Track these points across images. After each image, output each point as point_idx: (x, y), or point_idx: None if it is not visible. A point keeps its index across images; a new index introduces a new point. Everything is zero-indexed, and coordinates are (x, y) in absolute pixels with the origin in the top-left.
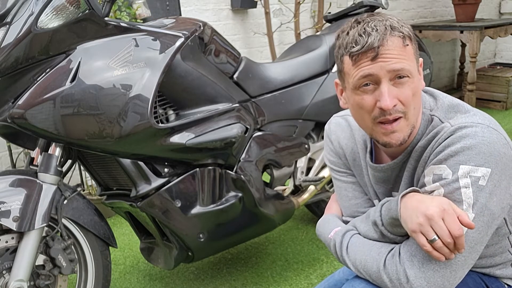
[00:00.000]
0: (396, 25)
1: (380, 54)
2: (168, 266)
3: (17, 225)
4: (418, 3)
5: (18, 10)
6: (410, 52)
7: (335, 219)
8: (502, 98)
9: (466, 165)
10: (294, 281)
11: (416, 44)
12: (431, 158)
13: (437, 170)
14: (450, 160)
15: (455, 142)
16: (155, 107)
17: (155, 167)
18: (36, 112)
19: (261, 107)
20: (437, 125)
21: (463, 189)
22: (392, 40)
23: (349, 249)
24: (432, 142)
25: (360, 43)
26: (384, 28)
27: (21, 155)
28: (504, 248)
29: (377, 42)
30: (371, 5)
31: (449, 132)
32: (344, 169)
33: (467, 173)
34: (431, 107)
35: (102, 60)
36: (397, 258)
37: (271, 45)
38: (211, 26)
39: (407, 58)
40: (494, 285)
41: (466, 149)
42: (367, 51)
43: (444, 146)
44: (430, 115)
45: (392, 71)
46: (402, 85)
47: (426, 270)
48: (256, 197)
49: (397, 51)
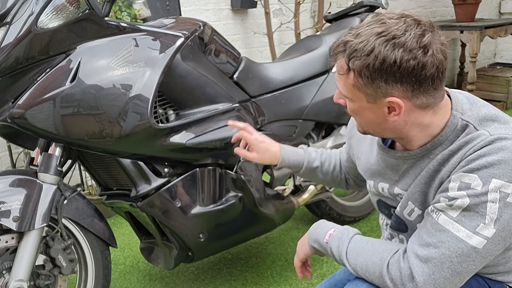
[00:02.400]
0: (356, 53)
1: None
2: (168, 266)
3: (17, 225)
4: (418, 3)
5: (18, 10)
6: (349, 83)
7: (325, 222)
8: (502, 98)
9: (499, 179)
10: (294, 281)
11: (369, 79)
12: (462, 165)
13: (466, 179)
14: (483, 170)
15: (491, 153)
16: (155, 107)
17: (155, 167)
18: (36, 112)
19: (261, 107)
20: (471, 131)
21: (490, 203)
22: (339, 62)
23: (348, 255)
24: (465, 148)
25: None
26: (343, 45)
27: (21, 155)
28: (508, 258)
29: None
30: (371, 5)
31: (487, 141)
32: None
33: (498, 187)
34: (463, 110)
35: (102, 60)
36: (402, 263)
37: (271, 45)
38: (211, 26)
39: (344, 84)
40: (496, 286)
41: (502, 163)
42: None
43: (479, 155)
44: (462, 119)
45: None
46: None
47: (437, 277)
48: (256, 197)
49: (339, 71)
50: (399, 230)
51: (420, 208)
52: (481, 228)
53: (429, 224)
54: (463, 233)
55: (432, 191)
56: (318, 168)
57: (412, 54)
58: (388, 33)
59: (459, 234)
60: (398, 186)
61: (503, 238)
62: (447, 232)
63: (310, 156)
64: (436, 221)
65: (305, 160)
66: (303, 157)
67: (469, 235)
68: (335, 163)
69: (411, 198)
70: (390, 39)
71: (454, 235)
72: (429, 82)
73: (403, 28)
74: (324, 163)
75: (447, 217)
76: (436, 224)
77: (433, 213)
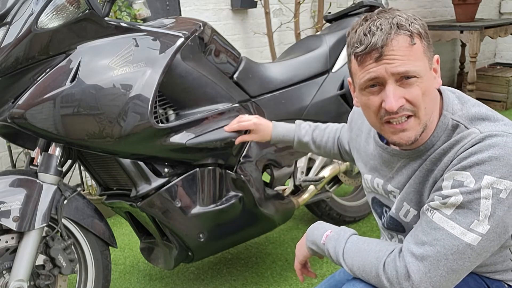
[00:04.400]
0: (404, 22)
1: (384, 55)
2: (168, 266)
3: (17, 225)
4: (418, 3)
5: (18, 10)
6: (418, 51)
7: (321, 223)
8: (502, 98)
9: (490, 175)
10: (294, 281)
11: (427, 41)
12: (454, 163)
13: (459, 176)
14: (475, 168)
15: (483, 150)
16: (155, 107)
17: (155, 167)
18: (36, 112)
19: (261, 107)
20: (462, 130)
21: (483, 200)
22: (398, 39)
23: (345, 256)
24: (457, 146)
25: (364, 43)
26: (389, 27)
27: (21, 155)
28: (506, 257)
29: (380, 42)
30: (371, 5)
31: (478, 139)
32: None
33: (490, 184)
34: (454, 110)
35: (102, 60)
36: (397, 262)
37: (271, 45)
38: (211, 26)
39: (414, 58)
40: (494, 285)
41: (493, 159)
42: (371, 52)
43: (470, 153)
44: (452, 119)
45: (397, 74)
46: (410, 85)
47: (433, 275)
48: (256, 197)
49: (403, 51)
50: (397, 230)
51: (415, 209)
52: (475, 225)
53: (424, 222)
54: (457, 230)
55: (427, 190)
56: (310, 143)
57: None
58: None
59: (453, 232)
60: (391, 184)
61: (497, 234)
62: (441, 230)
63: (300, 132)
64: (431, 219)
65: (295, 136)
66: (293, 132)
67: (463, 232)
68: (327, 139)
69: (406, 198)
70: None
71: (448, 233)
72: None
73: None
74: (315, 138)
75: (442, 215)
76: (431, 222)
77: (428, 211)
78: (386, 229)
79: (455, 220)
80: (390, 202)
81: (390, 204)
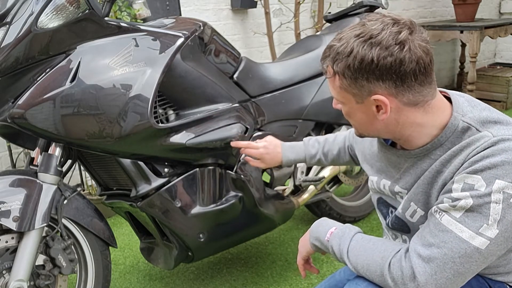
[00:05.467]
0: (341, 53)
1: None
2: (168, 266)
3: (17, 225)
4: (418, 3)
5: (18, 10)
6: (336, 84)
7: (326, 220)
8: (502, 98)
9: (502, 180)
10: (294, 281)
11: (351, 78)
12: (466, 166)
13: (470, 180)
14: (486, 172)
15: (495, 154)
16: (155, 107)
17: (155, 167)
18: (36, 112)
19: (261, 107)
20: (474, 133)
21: (493, 204)
22: (326, 67)
23: (349, 254)
24: (468, 149)
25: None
26: (328, 49)
27: (21, 155)
28: (509, 260)
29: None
30: (371, 5)
31: (490, 142)
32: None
33: (501, 188)
34: (464, 112)
35: (102, 60)
36: (403, 262)
37: (271, 45)
38: (211, 26)
39: (333, 86)
40: (497, 286)
41: (506, 164)
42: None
43: (482, 156)
44: (463, 121)
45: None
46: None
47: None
48: (256, 197)
49: (327, 75)
50: (402, 230)
51: (422, 209)
52: (484, 229)
53: (432, 224)
54: (466, 233)
55: (435, 192)
56: (322, 159)
57: (388, 51)
58: (365, 34)
59: (462, 235)
60: (399, 184)
61: (505, 238)
62: (450, 233)
63: (310, 152)
64: (439, 222)
65: (306, 156)
66: (303, 153)
67: (472, 235)
68: (339, 151)
69: (414, 199)
70: (368, 39)
71: (457, 236)
72: (411, 78)
73: (380, 28)
74: (327, 154)
75: (450, 218)
76: (439, 225)
77: (436, 213)
78: (391, 229)
79: (464, 223)
80: (397, 202)
81: (396, 205)
